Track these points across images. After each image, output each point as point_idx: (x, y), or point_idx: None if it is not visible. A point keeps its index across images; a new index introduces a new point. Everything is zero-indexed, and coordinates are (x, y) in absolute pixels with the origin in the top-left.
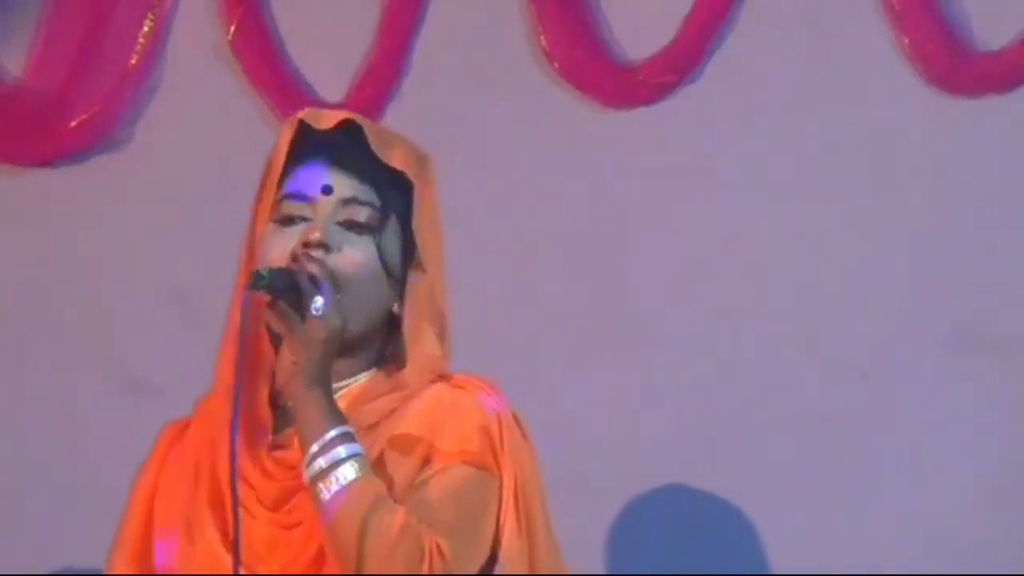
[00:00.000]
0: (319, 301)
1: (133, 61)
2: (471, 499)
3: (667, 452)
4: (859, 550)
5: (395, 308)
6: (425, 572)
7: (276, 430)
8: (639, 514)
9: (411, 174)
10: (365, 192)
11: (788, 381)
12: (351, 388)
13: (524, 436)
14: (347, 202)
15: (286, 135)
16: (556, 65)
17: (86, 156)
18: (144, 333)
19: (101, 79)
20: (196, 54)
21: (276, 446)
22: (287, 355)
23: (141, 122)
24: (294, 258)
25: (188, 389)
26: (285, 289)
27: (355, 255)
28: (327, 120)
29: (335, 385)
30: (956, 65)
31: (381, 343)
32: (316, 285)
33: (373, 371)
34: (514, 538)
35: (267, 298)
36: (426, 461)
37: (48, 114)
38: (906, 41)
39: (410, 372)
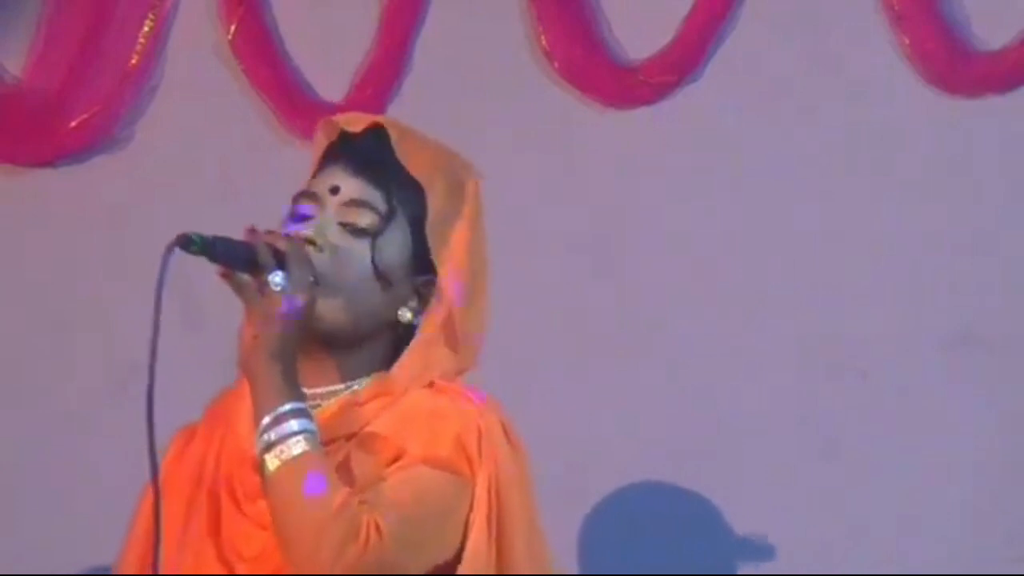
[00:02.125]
0: (278, 276)
1: (133, 61)
2: (428, 494)
3: (667, 452)
4: (859, 550)
5: (402, 314)
6: (359, 550)
7: None
8: (639, 514)
9: (427, 180)
10: (371, 195)
11: (788, 381)
12: (345, 395)
13: (511, 442)
14: (350, 204)
15: (320, 140)
16: (556, 65)
17: (86, 156)
18: (144, 333)
19: (101, 79)
20: (196, 54)
21: None
22: (248, 330)
23: (141, 122)
24: (253, 232)
25: (188, 389)
26: (239, 261)
27: (344, 255)
28: (358, 123)
29: (329, 388)
30: (956, 65)
31: (386, 349)
32: (278, 260)
33: (374, 376)
34: (480, 542)
35: (220, 269)
36: (393, 462)
37: (48, 114)
38: (906, 41)
39: (393, 377)
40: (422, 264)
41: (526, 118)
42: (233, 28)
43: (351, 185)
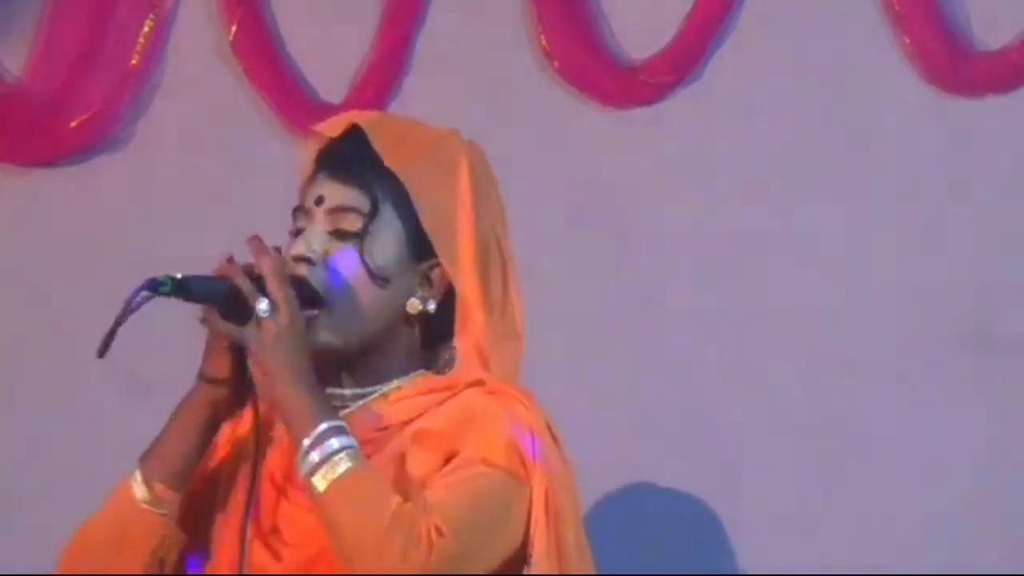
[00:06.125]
0: (263, 303)
1: (133, 61)
2: (486, 492)
3: (666, 451)
4: (859, 550)
5: (410, 306)
6: (423, 554)
7: None
8: (638, 514)
9: (405, 166)
10: (354, 198)
11: (788, 381)
12: (382, 392)
13: (558, 444)
14: (334, 211)
15: (309, 150)
16: (556, 65)
17: (86, 156)
18: (144, 333)
19: (101, 79)
20: (196, 54)
21: None
22: (256, 368)
23: (141, 122)
24: (229, 264)
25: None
26: (219, 297)
27: (335, 264)
28: (337, 128)
29: (356, 391)
30: (956, 65)
31: (410, 343)
32: (259, 285)
33: (416, 374)
34: (543, 555)
35: (201, 315)
36: (446, 461)
37: (48, 114)
38: (906, 41)
39: (452, 375)
40: (424, 249)
41: (526, 118)
42: (233, 29)
43: (333, 192)
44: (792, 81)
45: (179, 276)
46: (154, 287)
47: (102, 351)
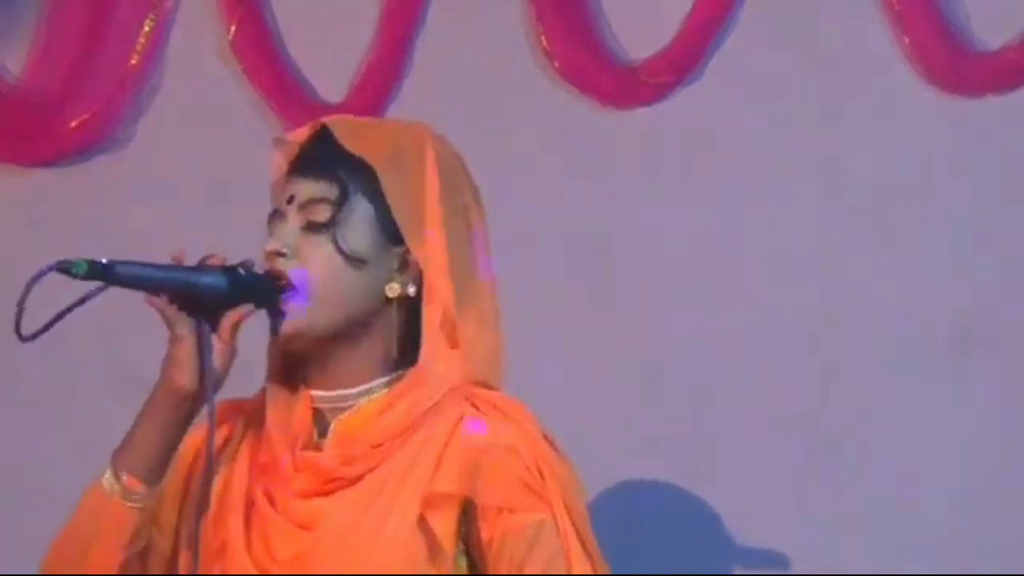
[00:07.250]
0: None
1: (133, 61)
2: (558, 556)
3: (666, 453)
4: (857, 550)
5: (389, 289)
6: None
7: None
8: (638, 515)
9: (373, 154)
10: (322, 190)
11: (789, 381)
12: (368, 403)
13: (556, 449)
14: (305, 204)
15: (279, 161)
16: (556, 65)
17: (86, 156)
18: (144, 333)
19: (101, 79)
20: (196, 54)
21: (308, 447)
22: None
23: (141, 122)
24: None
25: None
26: (225, 287)
27: (310, 255)
28: (301, 134)
29: (343, 391)
30: (956, 65)
31: (391, 332)
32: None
33: (394, 376)
34: (579, 557)
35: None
36: (470, 512)
37: (48, 114)
38: (906, 41)
39: (420, 376)
40: (400, 233)
41: (526, 118)
42: (233, 28)
43: (302, 188)
44: (791, 81)
45: (104, 261)
46: (66, 269)
47: (19, 334)
